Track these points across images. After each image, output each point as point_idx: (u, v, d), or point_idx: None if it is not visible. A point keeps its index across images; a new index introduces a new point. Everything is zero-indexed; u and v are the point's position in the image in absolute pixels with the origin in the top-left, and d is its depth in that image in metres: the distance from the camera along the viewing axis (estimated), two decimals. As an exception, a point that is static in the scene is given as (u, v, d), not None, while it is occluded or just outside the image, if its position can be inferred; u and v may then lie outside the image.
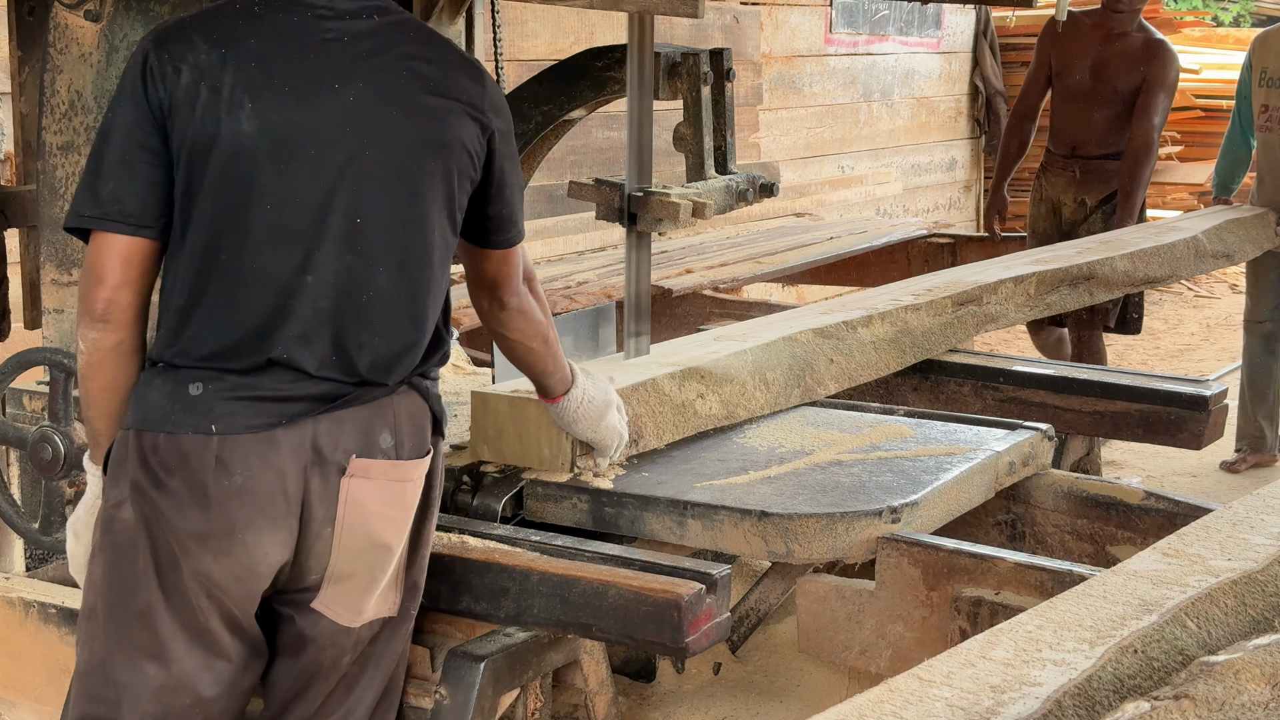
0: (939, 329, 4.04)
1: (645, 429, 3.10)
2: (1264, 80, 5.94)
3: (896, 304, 3.99)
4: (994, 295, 4.28)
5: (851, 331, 3.75)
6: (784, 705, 2.97)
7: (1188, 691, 1.71)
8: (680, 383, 3.22)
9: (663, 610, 2.44)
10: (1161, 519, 3.15)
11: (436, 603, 2.66)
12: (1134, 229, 5.48)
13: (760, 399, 3.38)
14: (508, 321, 2.67)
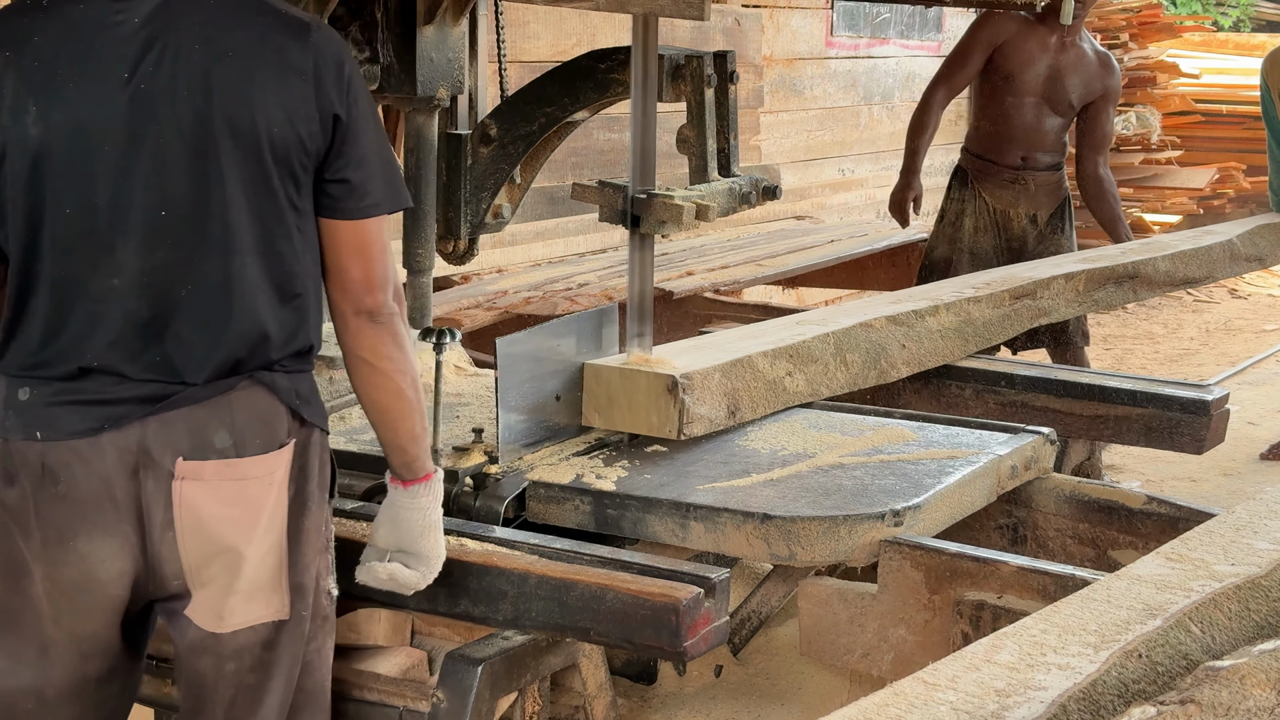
0: (997, 320, 4.29)
1: (742, 402, 3.32)
2: None
3: (959, 296, 4.23)
4: (1047, 290, 4.51)
5: (920, 320, 4.01)
6: (785, 708, 2.97)
7: (1193, 696, 1.71)
8: (772, 361, 3.45)
9: (661, 614, 2.43)
10: (1163, 524, 3.16)
11: (435, 606, 2.66)
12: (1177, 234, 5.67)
13: (841, 378, 3.64)
14: (373, 343, 2.37)
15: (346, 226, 2.32)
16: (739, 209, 3.48)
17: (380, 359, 2.36)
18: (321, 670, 2.45)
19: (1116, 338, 9.10)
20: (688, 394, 3.16)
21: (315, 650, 2.42)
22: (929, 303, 4.10)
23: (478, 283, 6.00)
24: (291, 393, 2.33)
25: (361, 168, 2.30)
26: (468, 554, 2.64)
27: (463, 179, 3.87)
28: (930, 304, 4.09)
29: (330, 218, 2.32)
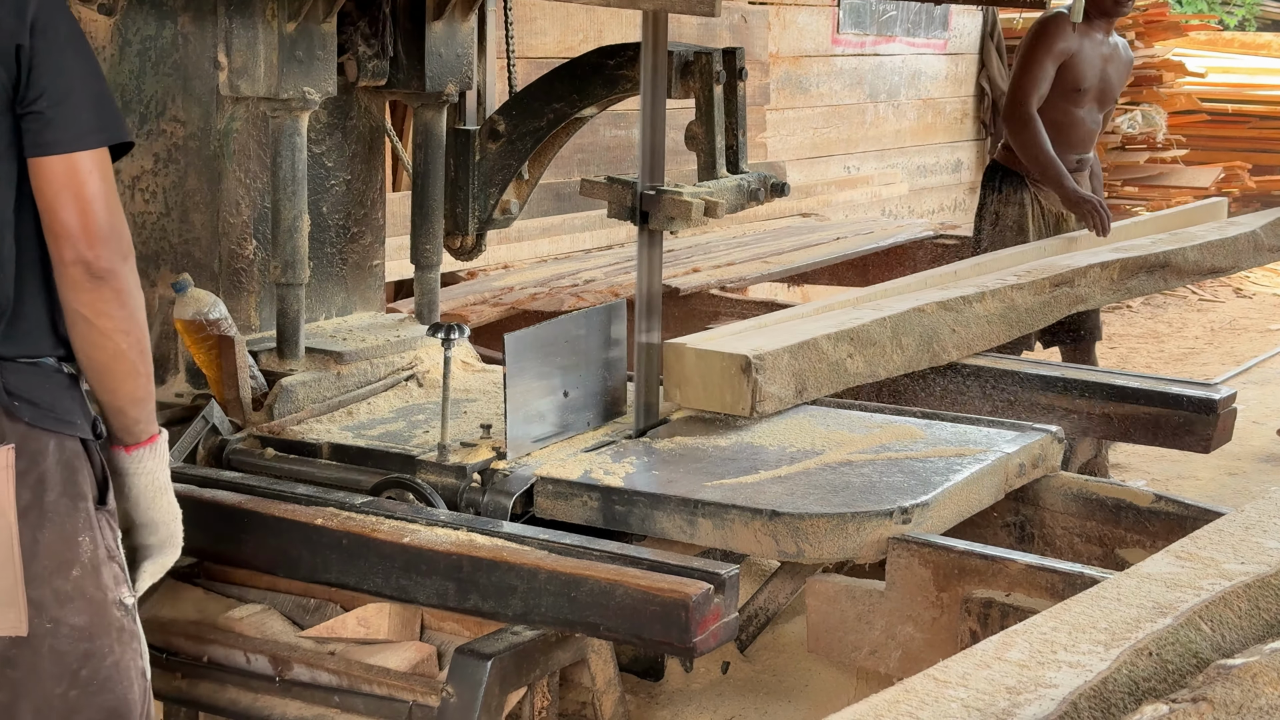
0: (1039, 307, 4.42)
1: (808, 382, 3.48)
2: None
3: (1003, 283, 4.37)
4: (1084, 278, 4.64)
5: (968, 306, 4.16)
6: (792, 705, 2.97)
7: (1205, 695, 1.71)
8: (835, 343, 3.61)
9: (670, 610, 2.43)
10: (1171, 522, 3.15)
11: (445, 601, 2.66)
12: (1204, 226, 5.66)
13: (897, 360, 3.81)
14: (91, 299, 2.13)
15: (52, 164, 2.10)
16: (747, 206, 3.48)
17: (99, 316, 2.14)
18: (123, 684, 2.25)
19: (1121, 336, 9.09)
20: (760, 374, 3.33)
21: (113, 665, 2.23)
22: (975, 289, 4.27)
23: (485, 279, 6.00)
24: (5, 392, 2.12)
25: (63, 101, 2.10)
26: (477, 549, 2.64)
27: (470, 175, 3.87)
28: (977, 290, 4.26)
29: (34, 155, 2.11)
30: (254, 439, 3.24)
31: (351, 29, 3.54)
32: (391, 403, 3.49)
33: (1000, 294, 4.32)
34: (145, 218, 3.49)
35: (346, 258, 3.74)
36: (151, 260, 3.49)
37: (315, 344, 3.49)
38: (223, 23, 3.27)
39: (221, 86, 3.31)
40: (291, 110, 3.30)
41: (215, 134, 3.40)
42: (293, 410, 3.34)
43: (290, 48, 3.25)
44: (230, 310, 3.32)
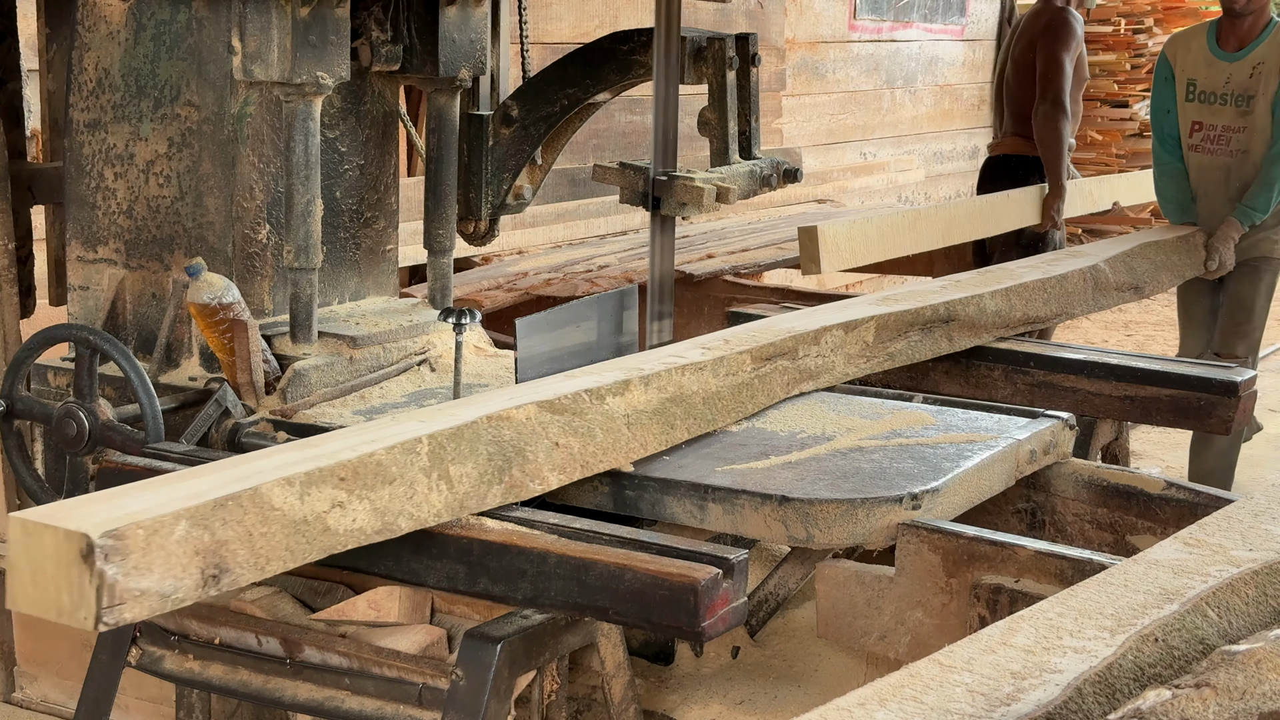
0: (730, 393, 3.22)
1: (237, 559, 2.30)
2: (1192, 94, 5.46)
3: (673, 363, 3.13)
4: (814, 347, 3.47)
5: (597, 403, 2.91)
6: (802, 690, 2.98)
7: (1209, 680, 1.72)
8: (306, 490, 2.39)
9: (679, 594, 2.43)
10: (1182, 509, 3.15)
11: (455, 584, 2.67)
12: (1026, 261, 4.72)
13: (437, 501, 2.60)
14: None
15: None
16: (760, 191, 3.49)
17: None
18: None
19: (1138, 324, 9.08)
20: (114, 562, 2.14)
21: None
22: (620, 375, 3.02)
23: (498, 264, 6.01)
24: None
25: None
26: (487, 532, 2.64)
27: (484, 160, 3.88)
28: (621, 376, 3.00)
29: None
30: (266, 423, 3.25)
31: (365, 14, 3.54)
32: (404, 387, 3.50)
33: (660, 380, 3.06)
34: (159, 202, 3.50)
35: (360, 242, 3.75)
36: (165, 244, 3.50)
37: (328, 328, 3.50)
38: (237, 7, 3.27)
39: (235, 71, 3.32)
40: (305, 95, 3.31)
41: (229, 118, 3.41)
42: (305, 394, 3.35)
43: (304, 32, 3.26)
44: (244, 294, 3.33)
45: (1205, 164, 5.44)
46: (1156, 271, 4.93)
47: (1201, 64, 5.44)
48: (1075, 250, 4.88)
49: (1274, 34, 5.36)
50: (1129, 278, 4.72)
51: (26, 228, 3.92)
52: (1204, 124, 5.43)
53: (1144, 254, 4.90)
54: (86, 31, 3.54)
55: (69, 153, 3.61)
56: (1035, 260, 4.69)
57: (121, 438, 3.11)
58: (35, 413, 3.24)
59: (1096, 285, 4.51)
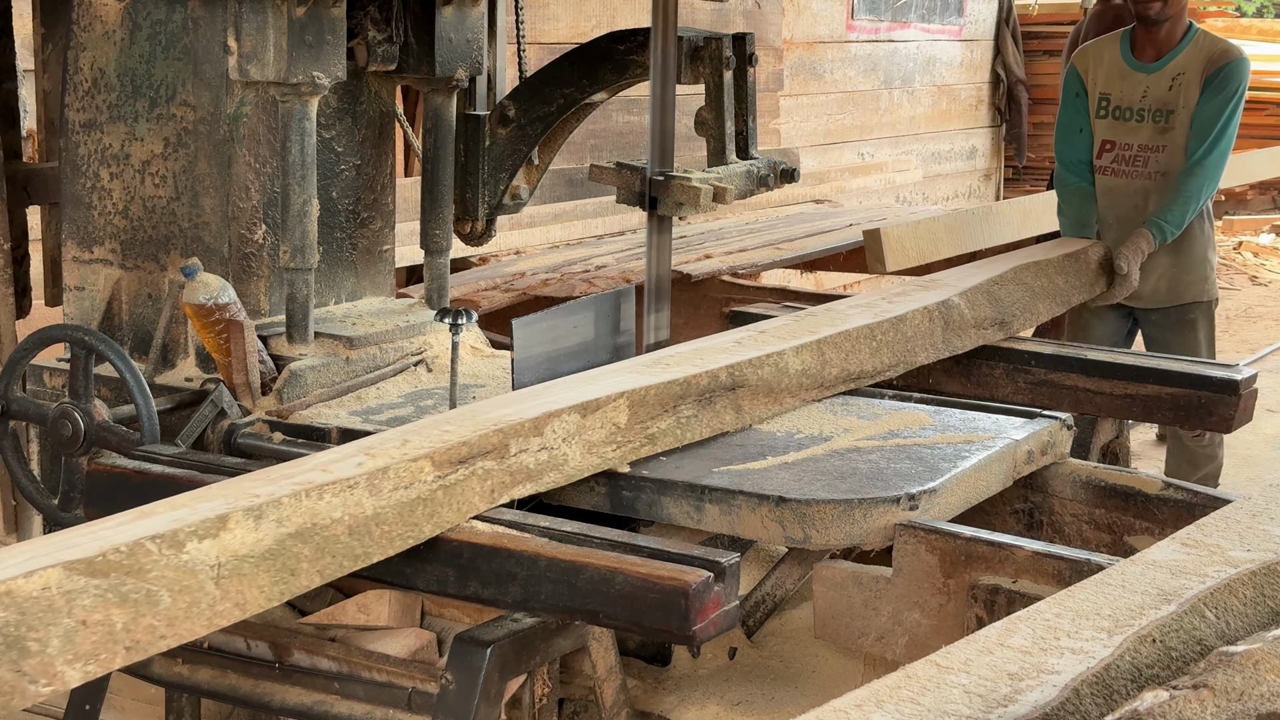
0: (397, 514, 2.48)
1: None
2: (1105, 109, 4.92)
3: (309, 483, 2.38)
4: (534, 439, 2.73)
5: (170, 553, 2.15)
6: (799, 691, 2.97)
7: (1207, 681, 1.71)
8: None
9: (670, 598, 2.40)
10: (1180, 509, 3.15)
11: (444, 588, 2.63)
12: (861, 298, 3.89)
13: None
14: None
15: None
16: (757, 192, 3.48)
17: None
18: None
19: (1136, 324, 9.07)
20: None
21: None
22: (219, 507, 2.25)
23: (495, 264, 6.00)
24: None
25: None
26: (477, 535, 2.61)
27: (481, 160, 3.87)
28: (220, 509, 2.24)
29: None
30: (262, 423, 3.25)
31: (361, 13, 3.54)
32: (400, 388, 3.50)
33: (282, 509, 2.31)
34: (155, 202, 3.49)
35: (356, 243, 3.74)
36: (161, 244, 3.49)
37: (324, 329, 3.49)
38: (232, 7, 3.27)
39: (231, 71, 3.32)
40: (301, 95, 3.30)
41: (225, 118, 3.40)
42: (301, 395, 3.35)
43: (300, 32, 3.25)
44: (240, 295, 3.32)
45: (1118, 188, 4.88)
46: (1031, 300, 4.12)
47: (1115, 77, 4.90)
48: (930, 280, 4.07)
49: (1195, 41, 4.85)
50: (993, 311, 3.92)
51: (22, 228, 3.92)
52: (1116, 143, 4.88)
53: (1016, 279, 4.11)
54: (82, 31, 3.53)
55: (64, 153, 3.60)
56: (873, 297, 3.86)
57: (117, 438, 3.10)
58: (31, 413, 3.23)
59: (948, 324, 3.74)
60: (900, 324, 3.59)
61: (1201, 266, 4.89)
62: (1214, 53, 4.80)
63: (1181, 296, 4.88)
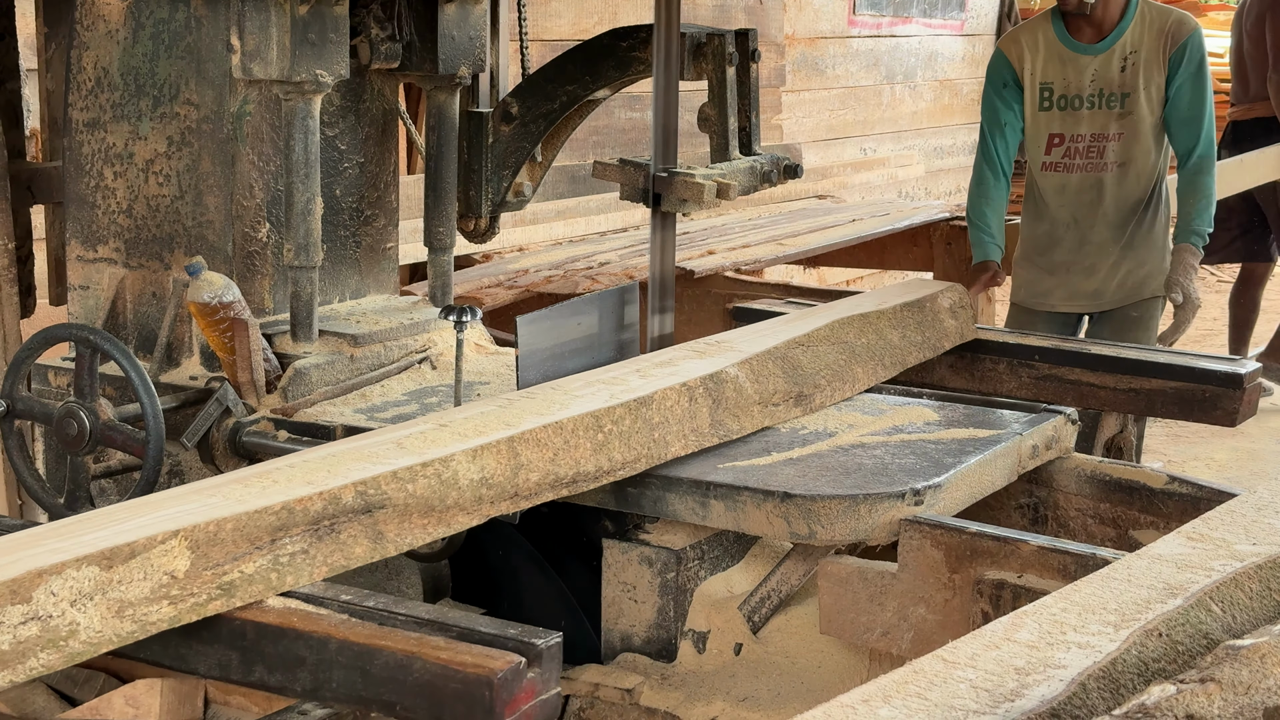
0: None
1: None
2: (1048, 100, 4.51)
3: None
4: (17, 608, 2.02)
5: None
6: (804, 686, 2.97)
7: (1214, 675, 1.71)
8: None
9: (473, 688, 2.06)
10: (1185, 504, 3.15)
11: (227, 673, 2.28)
12: (606, 371, 3.15)
13: None
14: None
15: None
16: (760, 188, 3.48)
17: None
18: None
19: (1139, 318, 9.06)
20: None
21: None
22: None
23: (499, 261, 6.00)
24: None
25: None
26: (265, 613, 2.24)
27: (484, 157, 3.87)
28: None
29: None
30: (267, 421, 3.25)
31: (364, 11, 3.54)
32: (405, 385, 3.50)
33: None
34: (159, 201, 3.49)
35: (360, 240, 3.75)
36: (165, 243, 3.49)
37: (329, 327, 3.49)
38: (235, 5, 3.27)
39: (234, 69, 3.32)
40: (304, 93, 3.31)
41: (228, 117, 3.40)
42: (306, 393, 3.35)
43: (303, 30, 3.26)
44: (244, 293, 3.33)
45: (1071, 184, 4.52)
46: (848, 364, 3.39)
47: (1055, 62, 4.48)
48: (713, 342, 3.31)
49: (1140, 13, 4.44)
50: (787, 383, 3.21)
51: (26, 227, 3.92)
52: (1066, 135, 4.49)
53: (832, 337, 3.38)
54: (85, 30, 3.53)
55: (68, 152, 3.60)
56: (631, 368, 3.11)
57: (122, 437, 3.11)
58: (36, 413, 3.24)
59: (720, 403, 3.05)
60: (644, 408, 2.88)
61: (1161, 257, 4.59)
62: (1168, 25, 4.44)
63: (1140, 292, 4.65)
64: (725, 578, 3.10)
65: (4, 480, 3.69)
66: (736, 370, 3.11)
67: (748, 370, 3.13)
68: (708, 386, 3.03)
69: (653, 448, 2.88)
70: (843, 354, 3.39)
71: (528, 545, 3.16)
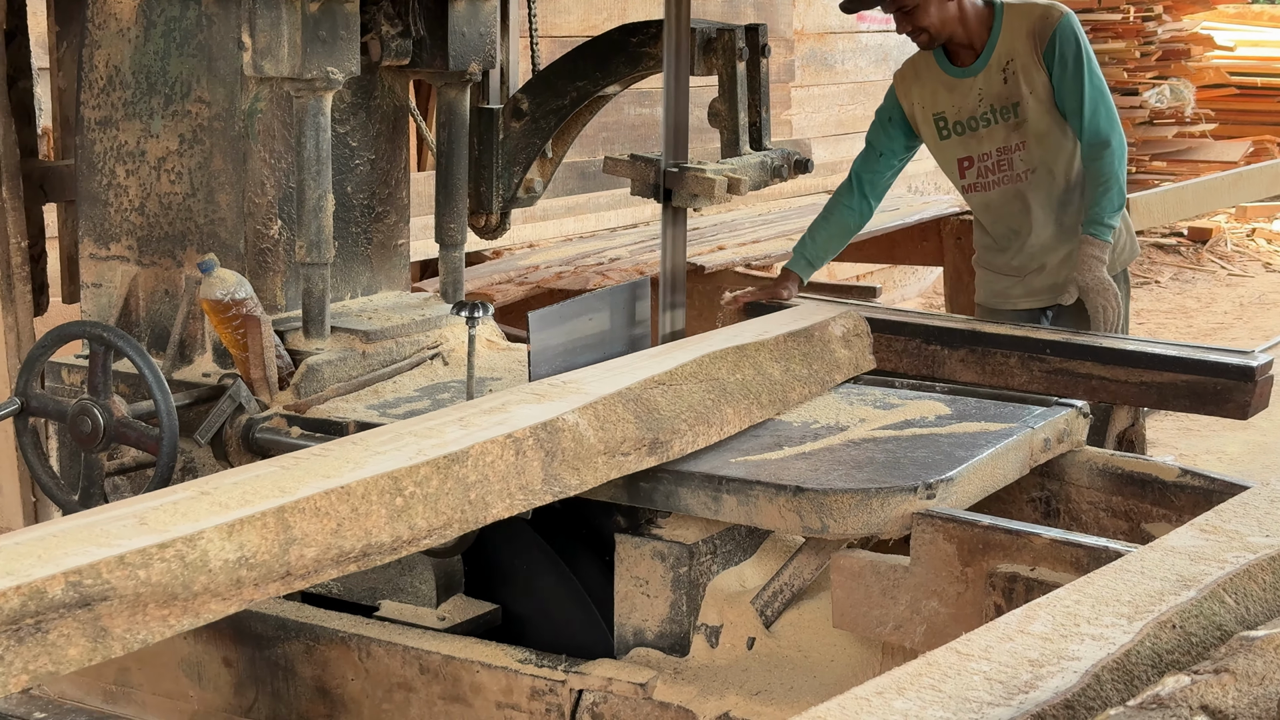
0: None
1: None
2: (946, 128, 4.43)
3: None
4: None
5: None
6: (818, 680, 2.97)
7: (1228, 666, 1.71)
8: None
9: None
10: (1197, 496, 3.14)
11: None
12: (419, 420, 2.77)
13: None
14: None
15: None
16: (770, 183, 3.48)
17: None
18: None
19: (1149, 312, 9.06)
20: None
21: None
22: None
23: (509, 258, 6.01)
24: None
25: None
26: None
27: (494, 153, 3.88)
28: None
29: None
30: (280, 418, 3.26)
31: (375, 8, 3.55)
32: (417, 381, 3.51)
33: None
34: (171, 198, 3.50)
35: (371, 237, 3.75)
36: (178, 240, 3.50)
37: (341, 323, 3.50)
38: (246, 3, 3.28)
39: (246, 67, 3.33)
40: (315, 90, 3.31)
41: (240, 114, 3.41)
42: (318, 389, 3.36)
43: (314, 27, 3.26)
44: (256, 290, 3.33)
45: (994, 201, 4.44)
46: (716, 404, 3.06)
47: (942, 91, 4.41)
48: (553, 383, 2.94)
49: (1006, 22, 4.32)
50: (639, 429, 2.85)
51: (39, 226, 3.93)
52: (973, 157, 4.41)
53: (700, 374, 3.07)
54: (97, 29, 3.54)
55: (80, 150, 3.61)
56: (440, 418, 2.71)
57: (136, 434, 3.12)
58: (50, 410, 3.25)
59: (555, 456, 2.68)
60: (457, 465, 2.48)
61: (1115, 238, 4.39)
62: (1033, 23, 4.29)
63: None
64: (738, 572, 3.11)
65: (18, 477, 3.70)
66: (576, 417, 2.73)
67: (591, 416, 2.77)
68: (539, 437, 2.64)
69: (468, 510, 2.48)
70: (711, 392, 3.04)
71: (540, 540, 3.17)
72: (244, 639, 3.18)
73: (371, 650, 3.07)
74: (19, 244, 3.77)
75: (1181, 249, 10.82)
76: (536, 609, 3.22)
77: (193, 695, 3.25)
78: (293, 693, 3.15)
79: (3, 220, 3.73)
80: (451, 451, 2.48)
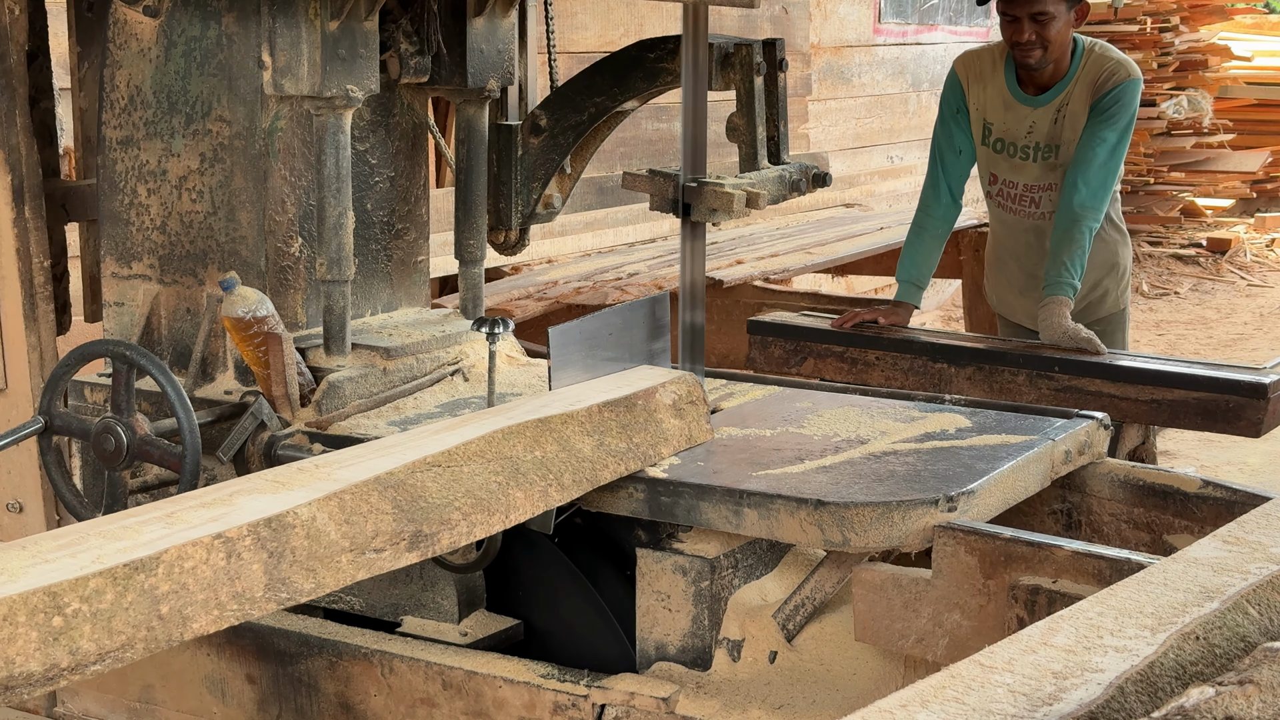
0: None
1: None
2: (988, 139, 4.38)
3: None
4: None
5: None
6: (840, 693, 2.97)
7: (1252, 677, 1.71)
8: None
9: None
10: (1219, 507, 3.14)
11: None
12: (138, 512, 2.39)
13: None
14: None
15: None
16: (789, 196, 3.49)
17: None
18: None
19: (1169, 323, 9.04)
20: None
21: None
22: None
23: (528, 273, 6.02)
24: None
25: None
26: None
27: (513, 169, 3.89)
28: None
29: None
30: (302, 435, 3.27)
31: (393, 26, 3.56)
32: (437, 397, 3.52)
33: None
34: (192, 217, 3.52)
35: (391, 254, 3.77)
36: (199, 259, 3.52)
37: (361, 340, 3.51)
38: (266, 22, 3.30)
39: (266, 86, 3.34)
40: (335, 108, 3.33)
41: (260, 133, 3.43)
42: (340, 406, 3.37)
43: (333, 46, 3.28)
44: (277, 307, 3.35)
45: (1010, 222, 4.42)
46: (502, 488, 2.68)
47: (999, 106, 4.34)
48: (302, 467, 2.57)
49: (1083, 66, 4.25)
50: (396, 521, 2.48)
51: (61, 245, 3.95)
52: (999, 178, 4.37)
53: (486, 452, 2.68)
54: (117, 49, 3.56)
55: (102, 170, 3.63)
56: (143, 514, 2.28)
57: (159, 452, 3.13)
58: (73, 428, 3.26)
59: (283, 557, 2.29)
60: (142, 574, 2.09)
61: (1112, 275, 4.43)
62: (1101, 73, 4.23)
63: (1097, 311, 4.46)
64: (759, 586, 3.11)
65: (42, 495, 3.71)
66: (314, 510, 2.34)
67: (335, 508, 2.38)
68: (260, 536, 2.24)
69: (158, 627, 2.07)
70: (499, 474, 2.66)
71: (562, 555, 3.17)
72: (267, 655, 3.19)
73: (394, 666, 3.07)
74: (41, 263, 3.79)
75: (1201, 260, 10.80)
76: (558, 624, 3.22)
77: (216, 712, 3.27)
78: (316, 709, 3.16)
79: (25, 240, 3.75)
80: (137, 558, 2.07)
